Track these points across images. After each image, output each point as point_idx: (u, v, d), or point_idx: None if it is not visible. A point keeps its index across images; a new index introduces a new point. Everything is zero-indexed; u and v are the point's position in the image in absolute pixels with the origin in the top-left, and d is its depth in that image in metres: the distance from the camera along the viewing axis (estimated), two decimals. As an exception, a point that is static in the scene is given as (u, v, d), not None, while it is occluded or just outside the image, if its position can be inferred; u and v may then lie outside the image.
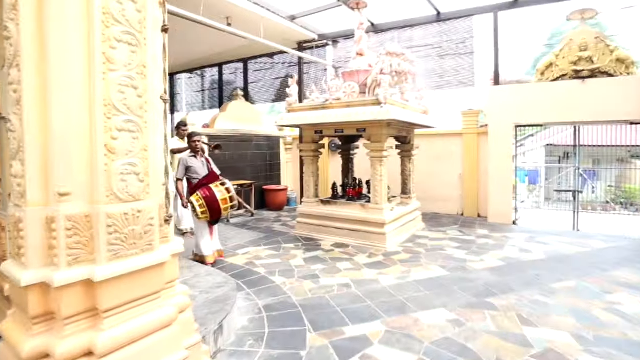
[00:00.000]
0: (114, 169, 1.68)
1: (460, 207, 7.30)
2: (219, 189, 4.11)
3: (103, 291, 1.67)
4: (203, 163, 4.37)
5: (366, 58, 5.62)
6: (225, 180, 4.26)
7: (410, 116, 5.20)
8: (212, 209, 4.07)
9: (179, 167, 4.34)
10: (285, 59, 9.86)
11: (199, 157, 4.36)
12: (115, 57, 1.66)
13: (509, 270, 4.12)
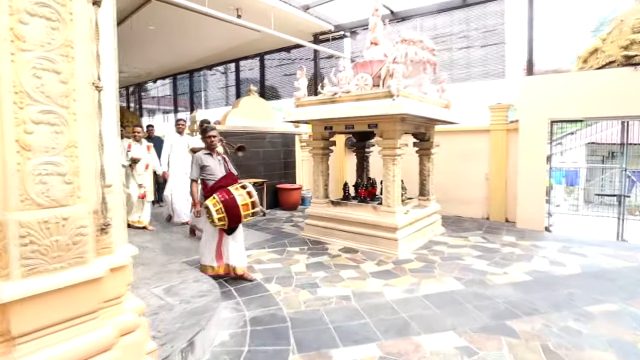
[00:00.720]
0: (29, 168, 1.41)
1: (485, 210, 6.70)
2: (239, 192, 3.50)
3: (16, 313, 1.41)
4: (220, 162, 3.80)
5: (381, 47, 5.17)
6: (246, 183, 3.67)
7: (428, 110, 4.71)
8: (232, 215, 3.44)
9: (192, 166, 3.81)
10: (302, 53, 9.55)
11: (215, 156, 3.82)
12: (28, 34, 1.38)
13: (536, 286, 3.59)
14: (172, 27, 7.69)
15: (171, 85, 14.42)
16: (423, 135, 5.61)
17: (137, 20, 7.19)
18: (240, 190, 3.53)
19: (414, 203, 5.61)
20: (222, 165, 3.79)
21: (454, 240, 5.26)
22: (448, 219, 6.63)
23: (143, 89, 16.50)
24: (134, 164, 5.46)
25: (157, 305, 2.83)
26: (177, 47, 9.30)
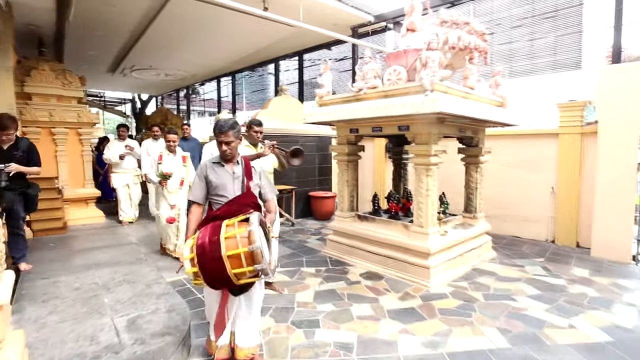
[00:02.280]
0: None
1: (550, 231, 5.48)
2: (232, 232, 1.99)
3: None
4: (234, 175, 2.38)
5: (419, 34, 4.32)
6: (254, 216, 2.05)
7: (474, 109, 3.80)
8: (210, 272, 1.97)
9: (193, 181, 2.48)
10: (343, 50, 8.87)
11: (230, 166, 2.40)
12: None
13: (621, 353, 2.56)
14: (204, 26, 7.47)
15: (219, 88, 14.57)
16: (470, 139, 4.64)
17: (165, 21, 7.04)
18: (236, 228, 2.01)
19: (456, 221, 4.66)
20: (239, 181, 2.38)
21: (506, 270, 4.23)
22: (501, 239, 5.53)
23: (194, 92, 16.95)
24: (164, 179, 4.48)
25: (107, 344, 2.35)
26: (213, 47, 9.15)
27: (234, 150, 2.38)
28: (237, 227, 2.02)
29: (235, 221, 2.07)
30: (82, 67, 10.60)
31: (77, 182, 6.72)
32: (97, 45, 8.90)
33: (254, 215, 2.04)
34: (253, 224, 1.95)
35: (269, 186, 2.58)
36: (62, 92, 6.54)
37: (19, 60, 6.49)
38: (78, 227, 6.38)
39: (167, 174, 4.48)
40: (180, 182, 4.62)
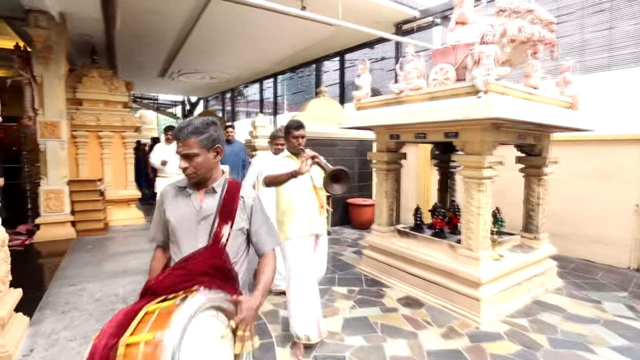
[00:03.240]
0: None
1: (634, 257, 4.59)
2: (135, 339, 1.09)
3: None
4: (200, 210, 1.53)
5: (471, 27, 3.75)
6: (190, 303, 1.17)
7: (538, 113, 3.18)
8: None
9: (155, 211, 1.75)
10: (386, 48, 8.36)
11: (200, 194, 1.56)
12: None
13: None
14: (241, 29, 7.37)
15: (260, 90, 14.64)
16: (531, 147, 3.97)
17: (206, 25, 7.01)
18: (146, 329, 1.11)
19: (513, 242, 4.02)
20: (207, 223, 1.51)
21: (577, 306, 3.51)
22: (569, 263, 4.74)
23: (240, 94, 17.22)
24: None
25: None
26: (253, 50, 9.07)
27: (199, 169, 1.49)
28: (152, 323, 1.11)
29: (162, 306, 1.17)
30: (133, 72, 11.06)
31: (119, 183, 6.89)
32: (146, 51, 9.18)
33: (193, 300, 1.13)
34: (173, 327, 1.03)
35: (267, 230, 1.64)
36: (109, 97, 6.75)
37: (72, 69, 6.78)
38: (119, 227, 6.52)
39: None
40: None
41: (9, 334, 2.42)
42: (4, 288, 2.35)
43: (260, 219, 1.62)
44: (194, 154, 1.46)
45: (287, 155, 2.75)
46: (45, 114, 5.69)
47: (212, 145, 1.52)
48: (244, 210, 1.58)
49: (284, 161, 2.70)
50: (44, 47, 5.40)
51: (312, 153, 2.45)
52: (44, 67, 5.58)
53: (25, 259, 4.82)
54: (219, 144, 1.55)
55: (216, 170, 1.59)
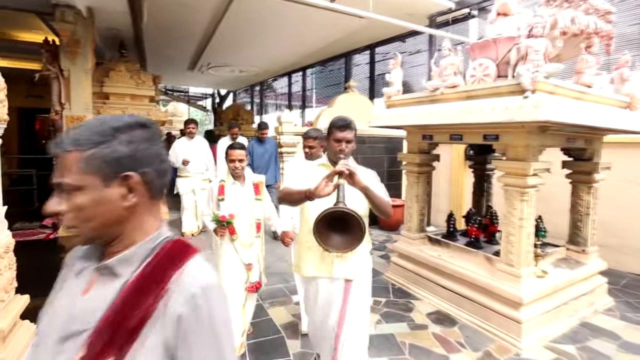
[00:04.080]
0: None
1: (697, 273, 4.09)
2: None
3: None
4: None
5: (514, 19, 3.39)
6: None
7: (592, 115, 2.81)
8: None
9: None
10: (419, 42, 7.95)
11: None
12: None
13: None
14: (269, 22, 7.22)
15: (288, 84, 14.53)
16: (581, 151, 3.57)
17: (234, 17, 6.91)
18: None
19: (557, 255, 3.65)
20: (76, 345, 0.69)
21: (633, 332, 3.12)
22: (619, 278, 4.29)
23: (269, 87, 17.20)
24: (222, 227, 2.51)
25: None
26: (282, 43, 8.91)
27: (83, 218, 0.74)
28: None
29: None
30: (162, 66, 11.19)
31: (146, 179, 6.95)
32: (174, 45, 9.22)
33: None
34: None
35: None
36: (136, 91, 6.78)
37: (99, 63, 6.88)
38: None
39: (224, 218, 2.47)
40: (256, 227, 2.65)
41: (11, 345, 2.33)
42: (7, 297, 2.28)
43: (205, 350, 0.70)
44: (74, 187, 0.72)
45: (322, 164, 2.07)
46: (72, 108, 5.76)
47: (116, 171, 0.73)
48: (163, 323, 0.69)
49: (314, 171, 2.01)
50: (71, 41, 5.45)
51: (345, 167, 1.66)
52: (70, 61, 5.64)
53: (46, 253, 4.89)
54: (142, 167, 0.76)
55: (135, 223, 0.78)
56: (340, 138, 1.92)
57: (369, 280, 2.08)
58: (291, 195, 1.88)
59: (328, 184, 1.63)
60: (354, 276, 1.97)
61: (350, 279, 1.96)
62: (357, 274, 1.99)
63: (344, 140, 1.92)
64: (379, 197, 1.83)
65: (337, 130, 1.93)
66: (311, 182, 1.76)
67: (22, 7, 5.74)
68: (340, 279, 1.96)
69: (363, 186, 1.70)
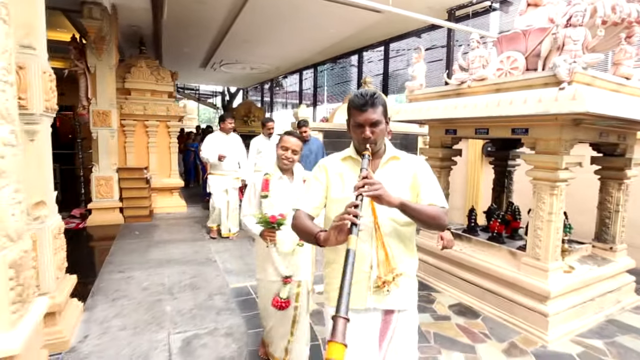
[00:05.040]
0: None
1: None
2: None
3: None
4: None
5: (545, 9, 3.35)
6: None
7: (629, 107, 2.77)
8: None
9: None
10: (435, 37, 7.90)
11: None
12: None
13: None
14: (285, 18, 7.23)
15: (299, 81, 14.53)
16: (613, 147, 3.51)
17: (249, 14, 6.92)
18: None
19: (583, 252, 3.61)
20: None
21: (660, 329, 3.10)
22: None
23: (278, 84, 17.23)
24: (271, 229, 2.14)
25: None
26: (295, 39, 8.93)
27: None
28: None
29: None
30: (177, 63, 11.28)
31: (164, 172, 7.03)
32: (190, 42, 9.29)
33: None
34: None
35: None
36: (155, 87, 6.86)
37: (121, 60, 6.96)
38: (162, 215, 6.67)
39: (274, 219, 2.11)
40: None
41: (65, 319, 2.45)
42: (60, 275, 2.37)
43: None
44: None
45: (346, 157, 1.53)
46: (98, 103, 5.86)
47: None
48: None
49: (338, 167, 1.52)
50: (97, 38, 5.53)
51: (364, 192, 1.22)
52: (97, 57, 5.74)
53: (80, 242, 5.03)
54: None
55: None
56: (362, 121, 1.39)
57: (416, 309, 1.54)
58: (301, 232, 1.46)
59: (340, 232, 1.21)
60: (401, 305, 1.46)
61: (394, 309, 1.45)
62: (406, 303, 1.47)
63: (367, 124, 1.39)
64: (424, 212, 1.34)
65: (357, 112, 1.40)
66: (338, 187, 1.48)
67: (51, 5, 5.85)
68: (378, 311, 1.44)
69: (397, 205, 1.27)
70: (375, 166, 1.47)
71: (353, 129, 1.45)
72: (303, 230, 1.43)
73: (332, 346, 0.95)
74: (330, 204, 1.51)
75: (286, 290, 2.16)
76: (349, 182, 1.44)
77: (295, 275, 2.19)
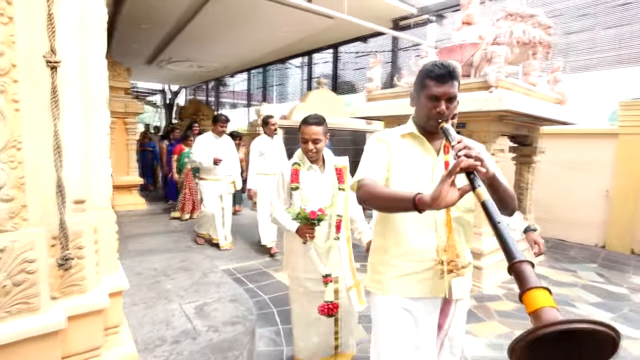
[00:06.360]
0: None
1: (600, 236, 5.27)
2: None
3: None
4: None
5: (476, 28, 4.19)
6: None
7: (536, 107, 3.66)
8: None
9: None
10: (380, 43, 8.74)
11: None
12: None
13: None
14: (242, 18, 7.51)
15: (248, 80, 14.68)
16: (524, 138, 4.49)
17: (209, 13, 7.11)
18: None
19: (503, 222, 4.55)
20: None
21: (558, 275, 4.10)
22: (546, 241, 5.36)
23: (223, 84, 17.15)
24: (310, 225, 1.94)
25: (182, 329, 2.43)
26: (248, 39, 9.19)
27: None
28: None
29: None
30: (125, 58, 10.85)
31: (122, 170, 6.93)
32: (141, 38, 9.09)
33: None
34: None
35: None
36: (112, 83, 6.72)
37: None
38: (123, 212, 6.60)
39: (314, 215, 1.89)
40: (336, 225, 2.04)
41: None
42: None
43: None
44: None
45: (406, 134, 1.39)
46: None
47: None
48: None
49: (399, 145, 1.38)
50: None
51: (471, 155, 1.01)
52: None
53: None
54: None
55: None
56: (440, 94, 1.24)
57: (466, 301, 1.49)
58: (385, 201, 1.21)
59: (452, 185, 1.01)
60: (461, 294, 1.40)
61: (455, 299, 1.38)
62: (465, 291, 1.42)
63: (445, 98, 1.25)
64: (508, 188, 1.24)
65: (435, 82, 1.24)
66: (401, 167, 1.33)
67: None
68: (439, 299, 1.37)
69: (491, 175, 1.09)
70: (436, 148, 1.35)
71: (425, 102, 1.28)
72: (387, 197, 1.19)
73: (535, 293, 0.73)
74: (392, 185, 1.32)
75: (330, 290, 1.97)
76: (410, 163, 1.33)
77: (334, 271, 2.03)
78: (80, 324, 1.25)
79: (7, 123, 1.04)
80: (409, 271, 1.33)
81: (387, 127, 4.85)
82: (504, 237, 0.90)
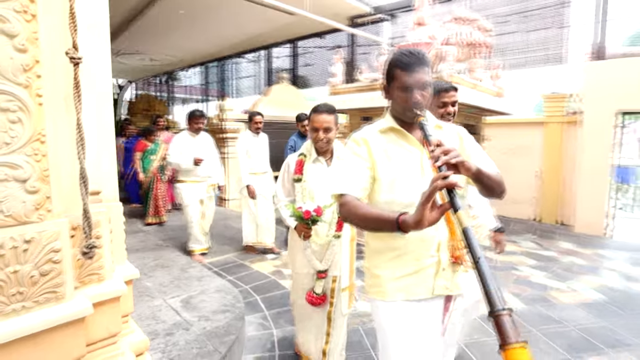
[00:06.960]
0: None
1: (535, 211, 6.07)
2: None
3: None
4: None
5: (427, 28, 4.64)
6: None
7: (481, 100, 4.18)
8: None
9: None
10: (336, 39, 9.07)
11: None
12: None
13: (614, 308, 3.05)
14: (201, 11, 7.43)
15: (202, 74, 14.34)
16: (472, 128, 5.04)
17: (165, 4, 6.96)
18: None
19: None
20: None
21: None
22: (493, 219, 6.07)
23: (174, 78, 16.55)
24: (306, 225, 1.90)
25: (172, 322, 2.51)
26: (206, 33, 9.07)
27: None
28: None
29: None
30: (64, 50, 10.17)
31: (76, 169, 6.61)
32: (85, 27, 8.58)
33: None
34: None
35: None
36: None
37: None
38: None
39: (308, 215, 1.84)
40: (337, 222, 2.00)
41: None
42: None
43: None
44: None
45: (386, 128, 1.34)
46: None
47: None
48: None
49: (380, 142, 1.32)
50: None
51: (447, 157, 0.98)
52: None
53: None
54: None
55: None
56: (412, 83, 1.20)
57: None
58: (369, 222, 1.16)
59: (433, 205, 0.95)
60: (457, 290, 1.35)
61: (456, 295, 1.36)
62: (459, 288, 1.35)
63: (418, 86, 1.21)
64: (494, 177, 1.23)
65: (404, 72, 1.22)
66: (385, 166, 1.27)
67: None
68: (442, 297, 1.33)
69: (475, 172, 1.08)
70: (419, 138, 1.27)
71: (398, 93, 1.24)
72: (370, 219, 1.14)
73: (514, 354, 0.74)
74: (378, 187, 1.27)
75: (321, 285, 1.97)
76: (396, 159, 1.26)
77: (331, 270, 1.97)
78: (100, 311, 1.31)
79: (31, 117, 1.08)
80: (410, 271, 1.27)
81: (351, 119, 5.19)
82: (485, 278, 0.83)
